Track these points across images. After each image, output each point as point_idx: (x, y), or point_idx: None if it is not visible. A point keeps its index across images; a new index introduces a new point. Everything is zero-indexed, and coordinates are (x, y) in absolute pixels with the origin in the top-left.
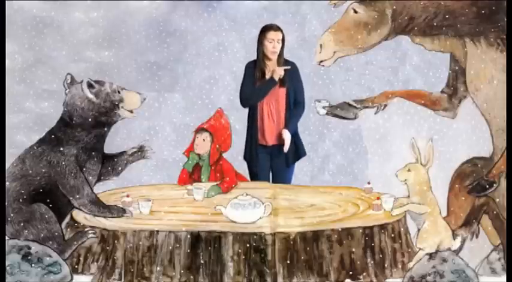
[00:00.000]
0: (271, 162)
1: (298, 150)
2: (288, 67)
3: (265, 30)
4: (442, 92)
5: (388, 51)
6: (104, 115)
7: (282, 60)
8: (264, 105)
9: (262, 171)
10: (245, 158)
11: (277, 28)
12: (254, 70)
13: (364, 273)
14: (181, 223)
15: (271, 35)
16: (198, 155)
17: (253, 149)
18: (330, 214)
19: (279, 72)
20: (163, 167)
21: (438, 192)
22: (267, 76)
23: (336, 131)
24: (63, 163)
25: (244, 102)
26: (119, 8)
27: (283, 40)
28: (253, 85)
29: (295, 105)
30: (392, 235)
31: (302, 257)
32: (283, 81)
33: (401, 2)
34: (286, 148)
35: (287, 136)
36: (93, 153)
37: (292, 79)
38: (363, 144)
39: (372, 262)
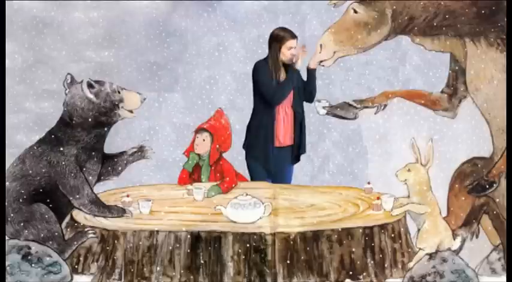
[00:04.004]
0: (275, 161)
1: (301, 147)
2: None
3: (282, 38)
4: (442, 92)
5: (388, 51)
6: (104, 115)
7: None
8: (281, 107)
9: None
10: (256, 158)
11: (294, 35)
12: (267, 69)
13: (364, 273)
14: (181, 223)
15: (291, 43)
16: (198, 155)
17: (270, 150)
18: (330, 214)
19: (301, 57)
20: (163, 167)
21: (438, 192)
22: (280, 78)
23: (336, 131)
24: (63, 163)
25: (275, 100)
26: (119, 8)
27: None
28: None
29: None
30: (392, 235)
31: (302, 257)
32: (291, 81)
33: (401, 2)
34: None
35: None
36: (93, 153)
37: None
38: (363, 144)
39: (372, 262)
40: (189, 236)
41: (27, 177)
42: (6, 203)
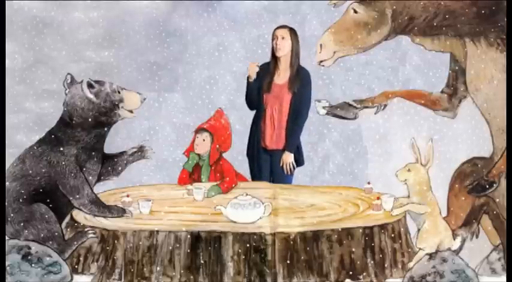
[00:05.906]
0: (272, 164)
1: (298, 160)
2: (257, 64)
3: (274, 32)
4: (442, 92)
5: (388, 51)
6: (104, 115)
7: (294, 64)
8: (268, 108)
9: (263, 173)
10: (248, 157)
11: (284, 26)
12: (263, 73)
13: (364, 273)
14: (181, 223)
15: (276, 32)
16: (198, 155)
17: (256, 151)
18: (330, 214)
19: (251, 71)
20: (163, 167)
21: (438, 192)
22: (275, 78)
23: (336, 131)
24: (63, 163)
25: (247, 101)
26: (119, 8)
27: (294, 43)
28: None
29: (297, 114)
30: (392, 235)
31: (302, 257)
32: (291, 86)
33: (401, 2)
34: (286, 170)
35: (288, 160)
36: (93, 153)
37: (302, 86)
38: (363, 144)
39: (372, 262)
40: (189, 236)
41: (27, 177)
42: (6, 203)
